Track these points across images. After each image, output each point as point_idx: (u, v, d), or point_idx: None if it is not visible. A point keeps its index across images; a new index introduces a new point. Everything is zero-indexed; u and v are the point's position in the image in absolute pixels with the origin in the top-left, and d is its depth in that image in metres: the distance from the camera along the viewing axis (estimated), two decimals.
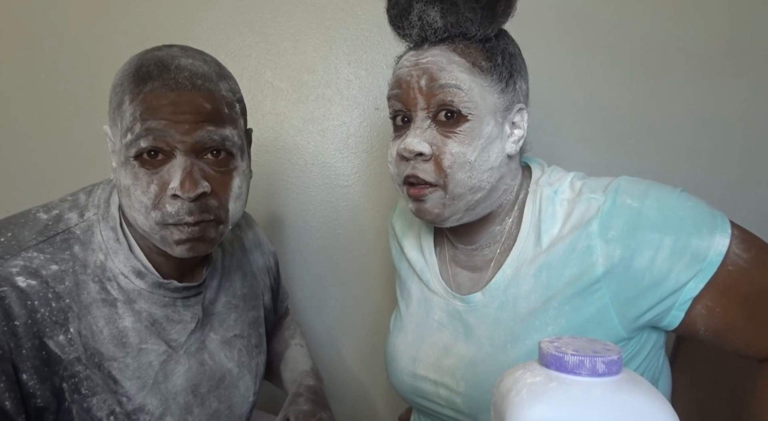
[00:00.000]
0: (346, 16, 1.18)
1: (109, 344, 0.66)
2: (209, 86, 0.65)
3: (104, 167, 1.22)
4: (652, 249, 0.61)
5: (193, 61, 0.66)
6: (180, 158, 0.63)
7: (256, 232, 0.94)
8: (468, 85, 0.64)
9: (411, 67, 0.66)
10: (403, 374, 0.76)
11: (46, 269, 0.63)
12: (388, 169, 0.71)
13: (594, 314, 0.63)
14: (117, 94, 0.65)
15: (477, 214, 0.69)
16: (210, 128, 0.64)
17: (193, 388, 0.73)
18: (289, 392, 0.85)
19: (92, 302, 0.66)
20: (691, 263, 0.60)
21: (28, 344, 0.61)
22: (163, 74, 0.63)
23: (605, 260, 0.62)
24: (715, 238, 0.60)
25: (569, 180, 0.70)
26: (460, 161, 0.63)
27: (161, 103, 0.62)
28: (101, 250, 0.68)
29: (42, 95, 1.23)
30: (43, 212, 0.69)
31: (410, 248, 0.83)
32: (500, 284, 0.69)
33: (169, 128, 0.62)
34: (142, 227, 0.66)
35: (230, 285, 0.83)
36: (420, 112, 0.66)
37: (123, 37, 1.20)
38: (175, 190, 0.62)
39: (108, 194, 0.72)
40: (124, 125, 0.63)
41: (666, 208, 0.62)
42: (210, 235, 0.67)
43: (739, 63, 1.13)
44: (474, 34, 0.65)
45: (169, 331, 0.72)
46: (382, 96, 1.20)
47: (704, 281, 0.60)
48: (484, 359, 0.68)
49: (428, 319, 0.77)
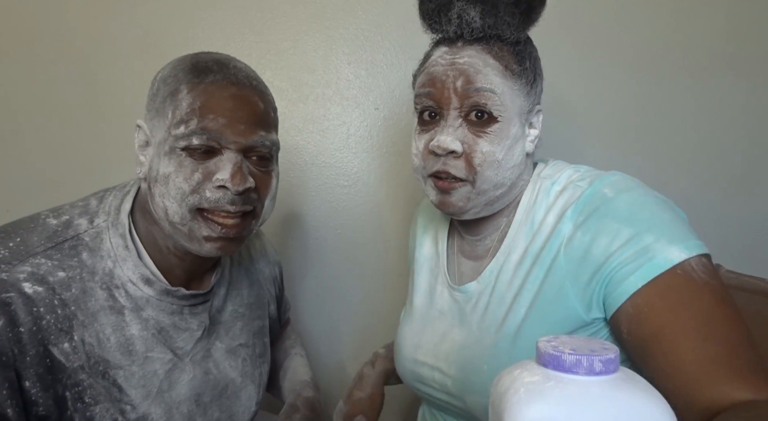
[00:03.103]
0: (346, 16, 1.18)
1: (116, 351, 0.66)
2: (262, 88, 0.70)
3: (104, 167, 1.22)
4: (609, 237, 0.60)
5: (246, 66, 0.71)
6: (230, 154, 0.65)
7: (262, 241, 0.95)
8: (501, 89, 0.66)
9: (447, 67, 0.67)
10: (406, 360, 0.79)
11: (53, 276, 0.63)
12: (412, 161, 0.73)
13: (554, 295, 0.64)
14: (169, 84, 0.66)
15: (493, 208, 0.72)
16: (262, 133, 0.67)
17: (196, 397, 0.73)
18: (286, 402, 0.86)
19: (99, 310, 0.66)
20: (639, 256, 0.58)
21: (32, 351, 0.60)
22: (223, 69, 0.66)
23: (567, 242, 0.64)
24: (672, 247, 0.58)
25: (568, 172, 0.71)
26: (489, 160, 0.66)
27: (223, 95, 0.65)
28: (110, 257, 0.68)
29: (42, 95, 1.23)
30: (53, 217, 0.68)
31: (427, 242, 0.86)
32: (493, 271, 0.72)
33: (225, 130, 0.64)
34: (171, 217, 0.65)
35: (237, 293, 0.83)
36: (452, 111, 0.67)
37: (123, 37, 1.20)
38: (225, 181, 0.64)
39: (119, 201, 0.71)
40: (178, 115, 0.64)
41: (637, 206, 0.62)
42: (244, 233, 0.69)
43: (740, 62, 1.13)
44: (508, 37, 0.67)
45: (176, 339, 0.71)
46: (382, 96, 1.20)
47: (645, 280, 0.57)
48: (473, 344, 0.70)
49: (432, 309, 0.79)
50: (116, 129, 1.20)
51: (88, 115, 1.21)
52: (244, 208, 0.67)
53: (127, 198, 0.71)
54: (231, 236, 0.67)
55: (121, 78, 1.20)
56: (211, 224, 0.66)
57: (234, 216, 0.66)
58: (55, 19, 1.21)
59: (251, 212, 0.69)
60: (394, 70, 1.19)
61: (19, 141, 1.24)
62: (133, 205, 0.71)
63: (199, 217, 0.66)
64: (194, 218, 0.65)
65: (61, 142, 1.23)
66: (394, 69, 1.19)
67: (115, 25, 1.20)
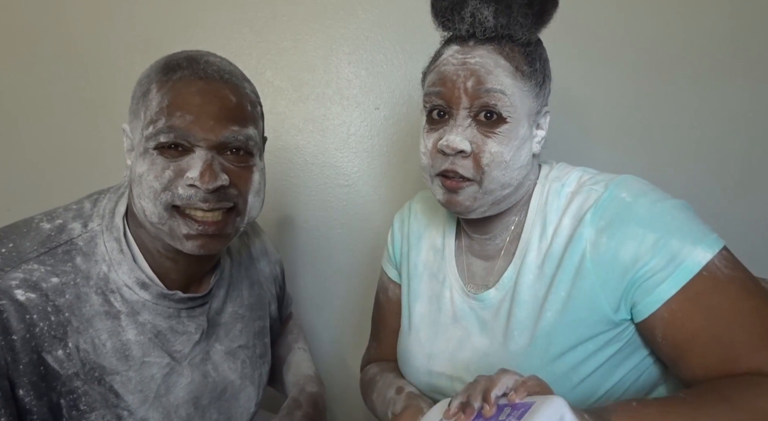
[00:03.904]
0: (346, 16, 1.18)
1: (112, 357, 0.65)
2: (235, 81, 0.67)
3: (104, 167, 1.22)
4: (636, 241, 0.63)
5: (221, 60, 0.69)
6: (200, 152, 0.63)
7: (262, 240, 0.93)
8: (511, 90, 0.66)
9: (458, 66, 0.67)
10: (418, 373, 0.78)
11: (46, 282, 0.62)
12: (419, 159, 0.72)
13: (586, 300, 0.65)
14: (142, 85, 0.66)
15: (500, 208, 0.71)
16: (234, 128, 0.64)
17: (194, 400, 0.72)
18: (289, 395, 0.85)
19: (95, 315, 0.64)
20: (668, 263, 0.61)
21: (25, 359, 0.59)
22: (192, 65, 0.64)
23: (592, 247, 0.65)
24: (696, 248, 0.61)
25: (577, 174, 0.72)
26: (497, 160, 0.66)
27: (190, 91, 0.63)
28: (104, 261, 0.66)
29: (42, 95, 1.23)
30: (46, 221, 0.67)
31: (424, 247, 0.85)
32: (511, 277, 0.72)
33: (193, 127, 0.62)
34: (150, 218, 0.64)
35: (238, 294, 0.82)
36: (462, 111, 0.67)
37: (123, 37, 1.20)
38: (194, 180, 0.62)
39: (114, 204, 0.70)
40: (149, 115, 0.63)
41: (656, 210, 0.64)
42: (227, 230, 0.67)
43: (742, 63, 1.13)
44: (519, 38, 0.67)
45: (173, 342, 0.70)
46: (382, 95, 1.20)
47: (677, 287, 0.60)
48: (497, 351, 0.70)
49: (441, 315, 0.78)
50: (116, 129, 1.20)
51: (88, 115, 1.22)
52: (220, 205, 0.65)
53: (122, 201, 0.71)
54: (210, 232, 0.65)
55: (121, 78, 1.20)
56: (188, 221, 0.64)
57: (212, 212, 0.64)
58: (55, 19, 1.21)
59: (233, 209, 0.67)
60: (395, 69, 1.19)
61: (19, 141, 1.25)
62: (127, 209, 0.70)
63: (176, 214, 0.64)
64: (171, 215, 0.64)
65: (61, 141, 1.24)
66: (395, 69, 1.19)
67: (115, 25, 1.20)
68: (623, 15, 1.13)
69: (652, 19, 1.13)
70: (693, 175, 1.16)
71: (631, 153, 1.16)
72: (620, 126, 1.16)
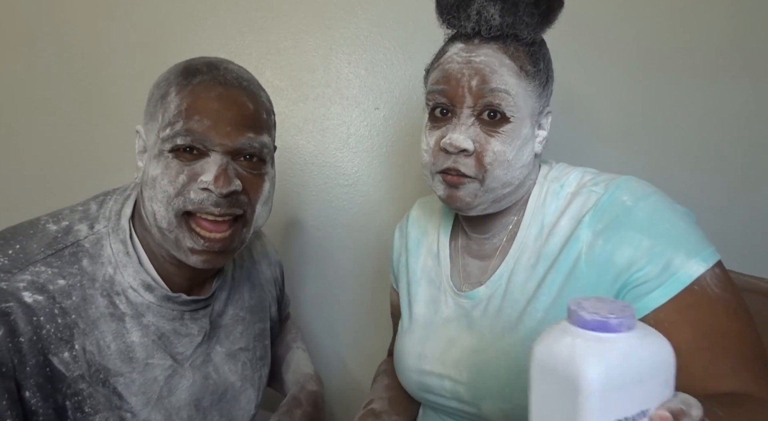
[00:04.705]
0: (346, 16, 1.18)
1: (116, 359, 0.66)
2: (253, 89, 0.69)
3: (104, 167, 1.22)
4: (632, 246, 0.62)
5: (239, 68, 0.70)
6: (216, 156, 0.64)
7: (263, 242, 0.94)
8: (515, 90, 0.66)
9: (463, 65, 0.67)
10: (410, 371, 0.78)
11: (53, 284, 0.62)
12: (421, 156, 0.72)
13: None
14: (161, 88, 0.67)
15: (500, 206, 0.72)
16: (250, 135, 0.66)
17: (196, 402, 0.73)
18: (289, 392, 0.85)
19: (100, 317, 0.65)
20: (662, 272, 0.60)
21: (32, 361, 0.59)
22: (212, 71, 0.66)
23: (588, 249, 0.65)
24: (690, 261, 0.60)
25: (577, 175, 0.72)
26: (500, 159, 0.66)
27: (209, 96, 0.64)
28: (110, 263, 0.67)
29: (42, 95, 1.23)
30: (52, 222, 0.67)
31: (422, 253, 0.85)
32: (503, 274, 0.72)
33: (210, 132, 0.63)
34: (159, 222, 0.64)
35: (239, 297, 0.82)
36: (465, 109, 0.67)
37: (123, 37, 1.19)
38: (208, 184, 0.63)
39: (120, 206, 0.71)
40: (167, 118, 0.64)
41: (656, 216, 0.63)
42: (232, 246, 0.68)
43: (745, 64, 1.13)
44: (525, 37, 0.67)
45: (176, 344, 0.71)
46: (382, 95, 1.20)
47: (667, 296, 0.60)
48: (485, 348, 0.70)
49: (436, 317, 0.79)
50: (116, 129, 1.20)
51: (88, 115, 1.21)
52: (231, 211, 0.65)
53: (128, 202, 0.71)
54: (216, 249, 0.66)
55: (121, 78, 1.20)
56: (194, 236, 0.65)
57: (220, 224, 0.65)
58: (55, 19, 1.21)
59: (241, 218, 0.68)
60: (394, 69, 1.19)
61: (18, 141, 1.24)
62: (133, 210, 0.70)
63: (184, 225, 0.64)
64: (180, 224, 0.64)
65: (61, 142, 1.23)
66: (394, 68, 1.19)
67: (115, 25, 1.20)
68: (625, 15, 1.13)
69: (654, 19, 1.13)
70: (695, 175, 1.16)
71: (633, 153, 1.16)
72: (622, 126, 1.16)
